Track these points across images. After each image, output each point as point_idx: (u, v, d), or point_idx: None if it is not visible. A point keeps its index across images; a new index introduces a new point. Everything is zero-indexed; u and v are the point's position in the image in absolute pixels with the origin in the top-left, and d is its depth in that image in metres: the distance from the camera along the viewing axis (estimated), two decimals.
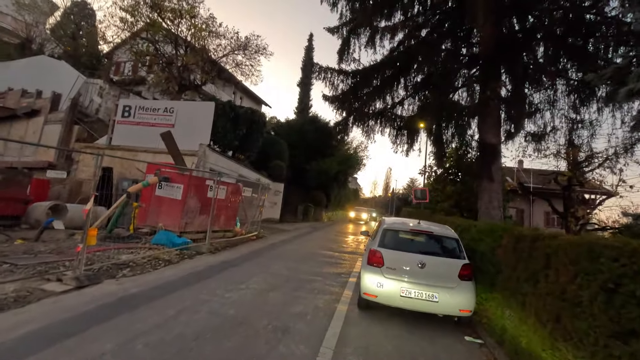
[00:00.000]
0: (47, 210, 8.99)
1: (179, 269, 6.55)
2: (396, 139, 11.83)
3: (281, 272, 7.25)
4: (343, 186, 36.83)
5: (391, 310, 5.01)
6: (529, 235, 4.20)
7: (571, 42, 9.33)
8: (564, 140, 10.84)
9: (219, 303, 4.84)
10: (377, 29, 11.27)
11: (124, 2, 16.70)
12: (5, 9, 26.37)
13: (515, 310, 4.11)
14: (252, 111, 17.61)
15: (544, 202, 17.70)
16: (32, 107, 15.93)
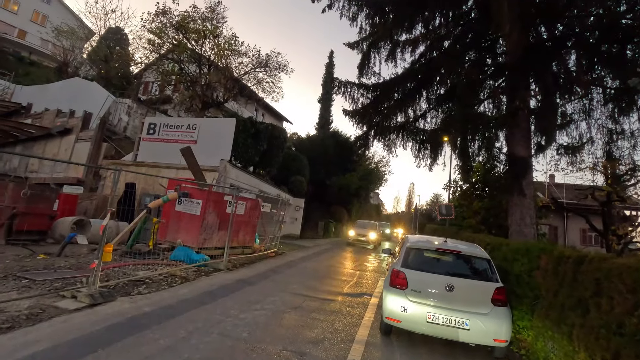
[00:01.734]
0: (71, 225, 9.16)
1: (194, 287, 6.39)
2: (419, 153, 11.43)
3: (299, 292, 6.95)
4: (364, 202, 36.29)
5: (417, 337, 4.60)
6: (572, 257, 3.74)
7: (606, 49, 8.78)
8: (602, 152, 10.08)
9: (232, 324, 4.60)
10: (397, 42, 11.10)
11: (151, 25, 17.48)
12: (46, 35, 28.33)
13: (560, 342, 3.63)
14: (273, 127, 17.73)
15: (579, 219, 16.64)
16: (65, 126, 16.71)
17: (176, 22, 17.34)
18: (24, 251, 7.50)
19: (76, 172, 15.16)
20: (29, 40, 31.45)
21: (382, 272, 10.99)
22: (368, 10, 10.39)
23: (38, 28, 32.10)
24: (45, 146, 17.28)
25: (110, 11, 26.11)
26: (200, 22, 17.61)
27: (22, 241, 8.22)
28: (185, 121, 15.08)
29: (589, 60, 8.94)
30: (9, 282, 5.24)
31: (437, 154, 11.31)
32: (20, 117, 19.49)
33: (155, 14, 17.40)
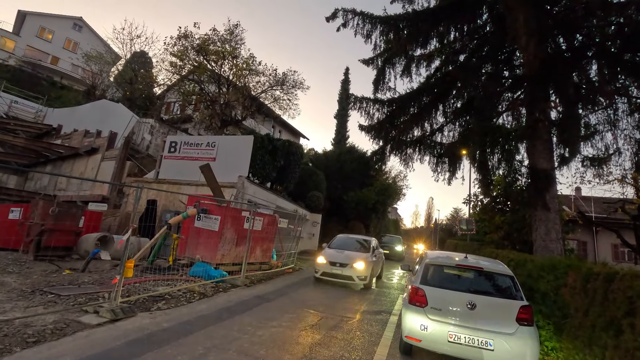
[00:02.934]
0: (95, 241, 9.44)
1: (213, 303, 6.41)
2: (437, 166, 11.31)
3: (316, 309, 6.86)
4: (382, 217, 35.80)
5: (438, 357, 4.44)
6: (602, 274, 3.57)
7: (629, 58, 8.55)
8: (630, 163, 9.70)
9: (249, 341, 4.57)
10: (412, 57, 11.19)
11: (174, 48, 18.27)
12: (76, 61, 30.05)
13: None
14: (290, 143, 17.95)
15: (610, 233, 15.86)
16: (92, 145, 17.46)
17: (197, 44, 18.07)
18: (50, 267, 7.77)
19: (101, 190, 15.71)
20: (61, 66, 33.41)
21: (401, 288, 10.73)
22: (382, 27, 10.54)
23: (69, 54, 34.13)
24: (73, 165, 18.06)
25: (136, 36, 27.52)
26: (220, 44, 18.29)
27: (49, 257, 8.52)
28: (204, 139, 15.48)
29: (611, 70, 8.71)
30: (36, 297, 5.41)
31: (456, 168, 11.16)
32: (51, 138, 20.54)
33: (178, 37, 18.23)
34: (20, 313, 4.61)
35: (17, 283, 6.09)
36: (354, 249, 10.39)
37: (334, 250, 10.16)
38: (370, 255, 9.95)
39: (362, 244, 10.95)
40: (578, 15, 8.70)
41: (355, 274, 9.16)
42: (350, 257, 9.55)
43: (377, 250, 11.03)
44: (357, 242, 11.13)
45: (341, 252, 9.93)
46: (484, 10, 10.19)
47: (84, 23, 37.04)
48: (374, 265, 10.05)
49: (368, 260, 9.54)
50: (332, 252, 10.07)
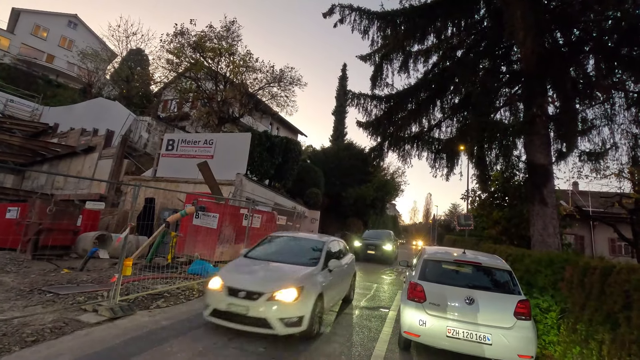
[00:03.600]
0: (93, 240, 9.42)
1: None
2: (434, 162, 11.30)
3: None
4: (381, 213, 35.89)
5: (436, 352, 4.46)
6: (599, 268, 3.58)
7: (626, 52, 8.55)
8: (627, 158, 9.72)
9: (249, 339, 4.58)
10: (410, 53, 11.13)
11: (170, 46, 18.15)
12: (72, 59, 29.85)
13: (589, 359, 3.45)
14: (288, 140, 17.92)
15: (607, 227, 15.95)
16: (89, 144, 17.39)
17: (193, 41, 17.96)
18: (48, 266, 7.75)
19: (99, 189, 15.67)
20: (57, 64, 33.15)
21: (400, 284, 10.76)
22: (379, 23, 10.48)
23: (65, 52, 33.86)
24: (70, 164, 17.99)
25: (132, 34, 27.33)
26: (216, 41, 18.19)
27: (47, 256, 8.51)
28: (202, 137, 15.44)
29: (608, 65, 8.72)
30: (34, 296, 5.40)
31: (454, 164, 11.15)
32: (47, 137, 20.43)
33: (174, 34, 18.10)
34: (18, 312, 4.61)
35: (15, 282, 6.07)
36: (290, 260, 5.59)
37: (249, 262, 5.61)
38: (319, 272, 5.37)
39: (311, 249, 6.11)
40: (575, 9, 8.68)
41: (274, 314, 4.40)
42: (272, 277, 4.92)
43: (338, 261, 6.15)
44: (302, 246, 6.28)
45: (260, 267, 5.36)
46: (481, 6, 10.14)
47: (79, 21, 36.73)
48: (328, 289, 5.34)
49: (309, 283, 4.89)
50: (242, 265, 5.48)
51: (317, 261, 5.53)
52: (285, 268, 5.20)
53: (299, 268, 5.18)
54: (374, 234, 18.55)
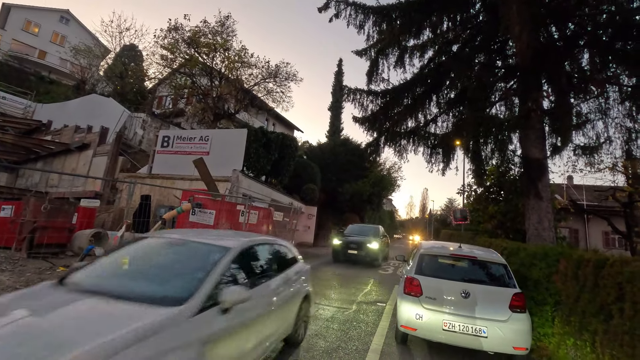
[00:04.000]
0: (89, 237, 9.37)
1: None
2: (431, 157, 11.33)
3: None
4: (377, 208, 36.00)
5: (433, 345, 4.51)
6: (592, 260, 3.63)
7: (620, 46, 8.59)
8: (621, 152, 9.83)
9: None
10: (405, 48, 11.11)
11: (164, 41, 17.97)
12: (64, 55, 29.49)
13: (582, 350, 3.50)
14: (284, 136, 17.88)
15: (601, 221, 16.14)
16: (83, 141, 17.23)
17: (188, 37, 17.80)
18: (44, 264, 7.71)
19: (94, 186, 15.56)
20: (49, 60, 32.75)
21: (397, 279, 10.84)
22: (375, 18, 10.45)
23: (57, 48, 33.43)
24: (64, 161, 17.83)
25: (125, 29, 27.02)
26: (211, 36, 18.03)
27: (43, 254, 8.45)
28: (197, 133, 15.36)
29: (603, 59, 8.76)
30: None
31: (450, 158, 11.19)
32: (41, 134, 20.21)
33: (168, 30, 17.92)
34: None
35: (10, 281, 6.04)
36: (136, 290, 2.67)
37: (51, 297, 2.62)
38: (186, 320, 2.40)
39: (193, 265, 3.12)
40: (570, 3, 8.70)
41: None
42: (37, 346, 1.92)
43: (263, 285, 3.55)
44: (177, 259, 3.30)
45: (55, 306, 2.46)
46: (477, 0, 10.15)
47: (71, 16, 36.24)
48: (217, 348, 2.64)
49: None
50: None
51: (192, 293, 2.59)
52: (97, 313, 2.37)
53: (131, 311, 2.33)
54: (358, 229, 15.23)
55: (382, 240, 14.46)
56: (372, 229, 15.15)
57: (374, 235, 14.21)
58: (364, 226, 16.07)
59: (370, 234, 14.28)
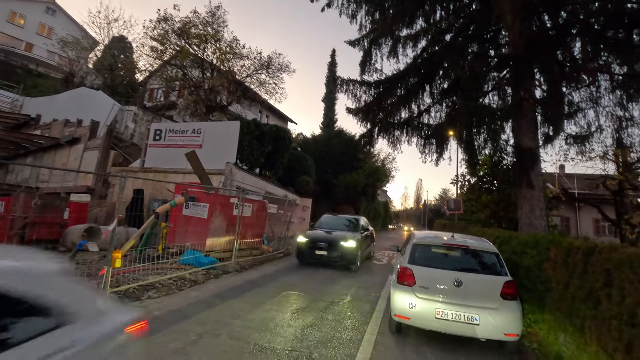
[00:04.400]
0: (82, 232, 9.29)
1: (204, 290, 6.44)
2: (424, 148, 11.35)
3: (307, 292, 6.94)
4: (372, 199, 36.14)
5: (426, 334, 4.57)
6: (582, 248, 3.68)
7: (612, 35, 8.61)
8: (611, 140, 9.91)
9: (241, 326, 4.62)
10: (398, 37, 11.02)
11: (153, 32, 17.64)
12: (52, 47, 28.84)
13: (571, 335, 3.57)
14: (277, 128, 17.78)
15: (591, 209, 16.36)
16: (73, 135, 16.97)
17: (178, 28, 17.48)
18: None
19: (86, 181, 15.39)
20: (36, 53, 32.00)
21: (391, 269, 10.93)
22: (367, 7, 10.35)
23: (44, 40, 32.65)
24: (55, 156, 17.58)
25: (113, 20, 26.38)
26: (202, 27, 17.73)
27: None
28: (190, 126, 15.20)
29: (594, 47, 8.77)
30: None
31: (443, 149, 11.22)
32: (29, 129, 19.86)
33: (157, 21, 17.57)
34: None
35: None
36: None
37: None
38: None
39: None
40: None
41: None
42: None
43: None
44: None
45: None
46: None
47: (57, 7, 35.35)
48: None
49: None
50: None
51: None
52: None
53: None
54: (333, 221, 12.11)
55: (364, 236, 11.21)
56: (351, 221, 12.10)
57: (353, 229, 11.30)
58: (340, 217, 12.83)
59: (347, 227, 11.50)
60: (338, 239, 9.94)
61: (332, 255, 9.70)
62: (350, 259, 9.76)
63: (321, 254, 9.75)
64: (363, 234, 11.19)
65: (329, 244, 9.79)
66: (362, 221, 12.25)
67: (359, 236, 10.57)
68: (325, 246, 9.76)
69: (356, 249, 9.92)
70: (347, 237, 10.00)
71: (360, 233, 10.90)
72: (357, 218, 12.35)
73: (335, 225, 11.59)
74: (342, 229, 11.24)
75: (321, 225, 11.68)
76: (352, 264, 9.83)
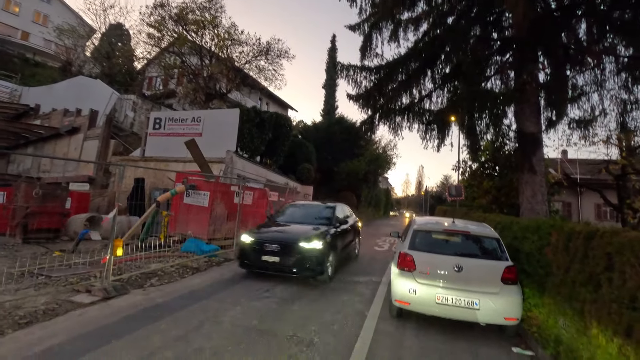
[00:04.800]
0: (84, 222, 9.34)
1: (206, 277, 6.49)
2: (426, 134, 11.25)
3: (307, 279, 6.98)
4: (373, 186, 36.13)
5: (427, 319, 4.60)
6: (583, 232, 3.65)
7: (618, 15, 8.40)
8: (615, 124, 9.78)
9: (243, 313, 4.66)
10: (399, 21, 10.80)
11: (150, 18, 17.36)
12: (48, 35, 28.46)
13: (571, 318, 3.58)
14: (278, 115, 17.64)
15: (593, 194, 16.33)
16: (72, 125, 16.89)
17: (175, 14, 17.19)
18: (40, 249, 7.71)
19: (87, 170, 15.40)
20: (32, 41, 31.60)
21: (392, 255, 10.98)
22: None
23: (40, 28, 32.22)
24: (55, 146, 17.55)
25: (109, 6, 25.98)
26: (199, 13, 17.42)
27: (38, 239, 8.44)
28: (189, 114, 15.09)
29: (600, 29, 8.58)
30: (26, 280, 5.39)
31: (445, 135, 11.12)
32: (29, 119, 19.77)
33: (154, 7, 17.28)
34: (10, 296, 4.59)
35: (5, 266, 6.02)
36: None
37: None
38: None
39: None
40: None
41: None
42: None
43: None
44: None
45: None
46: None
47: None
48: None
49: None
50: None
51: None
52: None
53: None
54: (299, 211, 8.88)
55: (340, 231, 8.02)
56: (324, 211, 8.58)
57: (324, 222, 7.87)
58: (310, 206, 9.47)
59: (317, 220, 8.00)
60: (295, 238, 6.70)
61: (286, 263, 6.47)
62: (312, 267, 6.45)
63: (271, 261, 6.54)
64: (339, 228, 7.97)
65: (282, 246, 6.58)
66: (340, 211, 8.90)
67: (332, 232, 7.42)
68: (277, 249, 6.57)
69: (323, 251, 6.59)
70: (310, 236, 6.72)
71: (334, 227, 7.73)
72: (332, 206, 8.76)
73: (301, 216, 8.32)
74: (309, 221, 7.87)
75: (281, 218, 8.48)
76: (319, 274, 6.53)
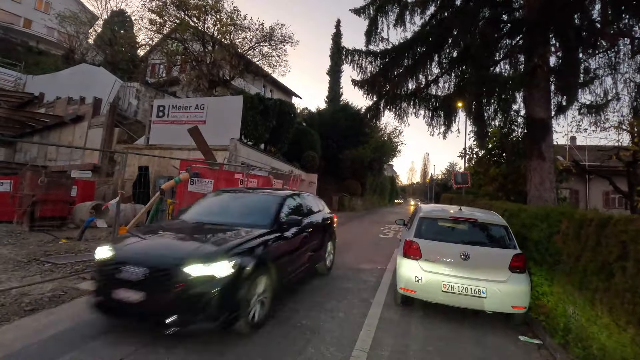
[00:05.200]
0: (90, 209, 9.39)
1: None
2: (432, 120, 11.04)
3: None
4: (378, 174, 35.98)
5: (433, 307, 4.56)
6: (595, 219, 3.54)
7: None
8: (628, 109, 9.51)
9: None
10: (406, 4, 10.49)
11: (151, 4, 17.10)
12: (50, 23, 28.25)
13: (581, 308, 3.51)
14: (282, 102, 17.46)
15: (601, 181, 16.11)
16: (77, 113, 16.89)
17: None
18: (46, 237, 7.77)
19: (92, 159, 15.45)
20: (35, 29, 31.42)
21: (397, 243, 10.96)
22: None
23: (42, 15, 31.95)
24: (60, 134, 17.60)
25: None
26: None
27: (45, 227, 8.51)
28: (193, 102, 14.98)
29: (615, 10, 8.24)
30: (33, 267, 5.43)
31: (451, 121, 10.92)
32: (34, 107, 19.80)
33: None
34: (17, 283, 4.63)
35: (12, 254, 6.08)
36: None
37: None
38: None
39: None
40: None
41: None
42: None
43: None
44: None
45: None
46: None
47: None
48: None
49: None
50: None
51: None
52: None
53: None
54: (226, 204, 5.31)
55: (287, 238, 4.59)
56: (265, 205, 5.01)
57: (261, 224, 4.38)
58: (245, 197, 5.70)
59: (248, 220, 4.55)
60: (179, 255, 3.43)
61: (156, 305, 3.23)
62: (212, 312, 3.21)
63: (127, 300, 3.21)
64: (288, 232, 4.69)
65: (151, 272, 3.23)
66: (295, 202, 5.59)
67: (270, 240, 4.16)
68: (141, 277, 3.21)
69: (236, 280, 3.38)
70: (211, 252, 3.46)
71: (275, 232, 4.41)
72: (281, 196, 5.27)
73: (225, 212, 5.00)
74: (233, 221, 4.56)
75: (193, 213, 4.99)
76: (226, 325, 3.32)
